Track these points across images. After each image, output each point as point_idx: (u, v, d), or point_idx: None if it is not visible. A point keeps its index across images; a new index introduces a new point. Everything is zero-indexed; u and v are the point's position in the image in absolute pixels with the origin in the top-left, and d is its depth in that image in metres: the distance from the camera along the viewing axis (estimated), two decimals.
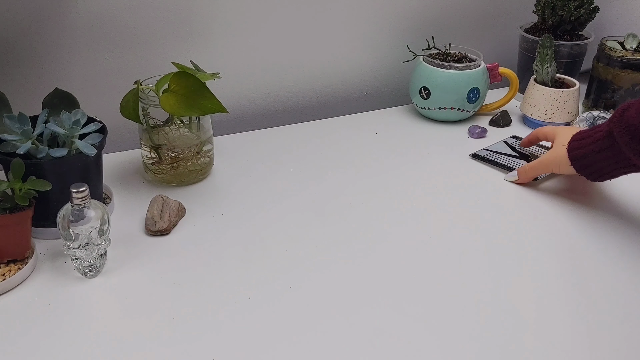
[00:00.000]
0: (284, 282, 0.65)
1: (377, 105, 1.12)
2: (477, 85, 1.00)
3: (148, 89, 0.77)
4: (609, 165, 0.74)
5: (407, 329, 0.59)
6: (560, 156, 0.78)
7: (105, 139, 0.70)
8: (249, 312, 0.61)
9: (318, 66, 1.06)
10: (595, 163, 0.75)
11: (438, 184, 0.84)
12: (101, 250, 0.64)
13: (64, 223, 0.61)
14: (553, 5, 1.08)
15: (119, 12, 0.86)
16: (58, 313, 0.60)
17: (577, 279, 0.67)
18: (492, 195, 0.82)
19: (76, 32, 0.85)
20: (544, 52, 1.00)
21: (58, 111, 0.69)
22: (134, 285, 0.64)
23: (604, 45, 1.02)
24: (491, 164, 0.89)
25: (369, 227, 0.74)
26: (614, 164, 0.73)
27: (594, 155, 0.74)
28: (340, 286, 0.65)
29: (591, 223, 0.77)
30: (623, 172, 0.74)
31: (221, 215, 0.76)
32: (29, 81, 0.84)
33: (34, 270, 0.65)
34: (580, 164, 0.76)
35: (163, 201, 0.74)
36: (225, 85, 0.97)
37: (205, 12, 0.92)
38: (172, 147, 0.79)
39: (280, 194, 0.81)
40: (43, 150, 0.65)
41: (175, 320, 0.59)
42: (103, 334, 0.57)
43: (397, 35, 1.10)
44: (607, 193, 0.83)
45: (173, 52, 0.92)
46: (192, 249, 0.70)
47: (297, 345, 0.57)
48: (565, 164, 0.78)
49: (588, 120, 0.99)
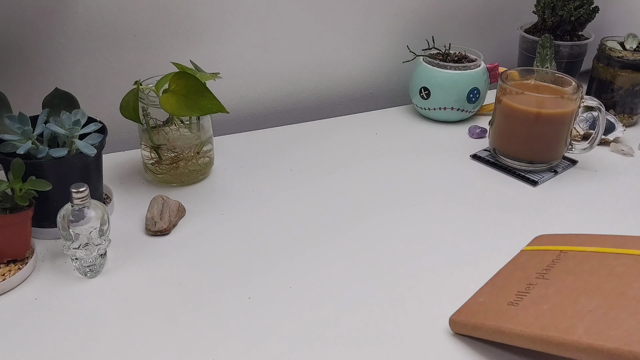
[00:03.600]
0: (284, 282, 0.65)
1: (377, 105, 1.12)
2: (477, 86, 1.00)
3: (148, 89, 0.77)
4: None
5: (408, 329, 0.59)
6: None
7: (105, 139, 0.70)
8: (249, 312, 0.61)
9: (318, 66, 1.06)
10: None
11: (438, 185, 0.84)
12: (101, 251, 0.64)
13: (64, 223, 0.61)
14: (553, 6, 1.09)
15: (119, 12, 0.86)
16: (58, 313, 0.60)
17: None
18: (493, 196, 0.82)
19: (76, 32, 0.85)
20: (544, 52, 1.00)
21: (58, 111, 0.69)
22: (134, 285, 0.64)
23: (604, 45, 1.02)
24: (492, 165, 0.89)
25: (369, 227, 0.74)
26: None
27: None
28: (341, 286, 0.65)
29: (592, 224, 0.77)
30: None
31: (221, 215, 0.76)
32: (29, 81, 0.84)
33: (34, 270, 0.65)
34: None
35: (163, 201, 0.74)
36: (225, 85, 0.97)
37: (205, 12, 0.92)
38: (172, 147, 0.79)
39: (280, 194, 0.81)
40: (43, 150, 0.65)
41: (175, 321, 0.59)
42: (103, 334, 0.57)
43: (397, 35, 1.10)
44: (610, 195, 0.83)
45: (173, 52, 0.92)
46: (192, 249, 0.70)
47: (297, 345, 0.57)
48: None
49: (588, 120, 0.99)
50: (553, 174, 0.88)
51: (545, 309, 0.52)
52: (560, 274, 0.57)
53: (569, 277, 0.56)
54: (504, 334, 0.53)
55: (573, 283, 0.54)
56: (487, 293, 0.60)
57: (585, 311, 0.50)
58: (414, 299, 0.63)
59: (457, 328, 0.58)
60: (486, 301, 0.58)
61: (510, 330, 0.52)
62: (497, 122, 0.89)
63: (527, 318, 0.52)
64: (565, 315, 0.50)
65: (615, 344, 0.45)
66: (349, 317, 0.61)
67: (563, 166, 0.90)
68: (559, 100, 0.85)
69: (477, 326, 0.55)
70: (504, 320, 0.53)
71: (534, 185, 0.85)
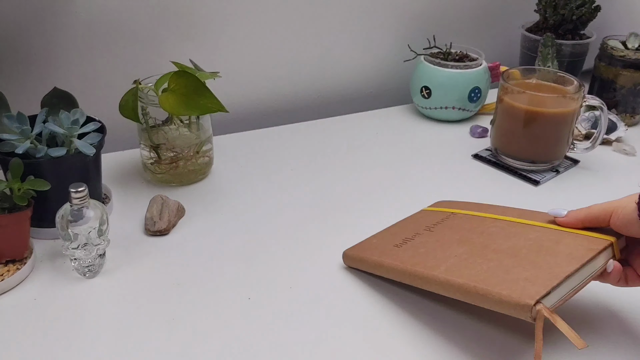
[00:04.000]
0: (284, 282, 0.65)
1: (378, 105, 1.11)
2: (479, 85, 0.99)
3: (147, 88, 0.76)
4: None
5: (409, 328, 0.59)
6: (625, 205, 0.57)
7: (104, 138, 0.70)
8: (249, 312, 0.60)
9: (318, 65, 1.05)
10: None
11: (439, 184, 0.84)
12: (100, 251, 0.63)
13: (62, 223, 0.61)
14: (555, 4, 1.08)
15: (118, 11, 0.86)
16: (57, 313, 0.59)
17: None
18: (494, 196, 0.82)
19: (75, 31, 0.84)
20: (546, 51, 1.00)
21: (57, 110, 0.68)
22: (133, 285, 0.63)
23: (605, 44, 1.01)
24: (493, 164, 0.89)
25: (370, 227, 0.74)
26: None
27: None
28: (341, 286, 0.64)
29: None
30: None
31: (221, 215, 0.76)
32: (27, 80, 0.84)
33: (33, 270, 0.65)
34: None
35: (162, 201, 0.73)
36: (225, 84, 0.96)
37: (205, 11, 0.92)
38: (171, 147, 0.79)
39: (280, 194, 0.80)
40: (42, 150, 0.65)
41: (175, 321, 0.59)
42: (102, 334, 0.57)
43: (397, 34, 1.09)
44: (612, 194, 0.83)
45: (172, 51, 0.91)
46: (192, 249, 0.69)
47: (297, 345, 0.57)
48: (629, 215, 0.56)
49: (590, 120, 0.98)
50: (555, 173, 0.87)
51: (421, 252, 0.61)
52: (444, 229, 0.66)
53: (449, 231, 0.65)
54: (382, 267, 0.62)
55: (450, 236, 0.64)
56: (380, 236, 0.69)
57: (452, 255, 0.59)
58: (414, 298, 0.63)
59: (347, 261, 0.67)
60: (377, 242, 0.68)
61: (388, 264, 0.61)
62: (499, 121, 0.88)
63: (405, 257, 0.61)
64: (435, 257, 0.59)
65: (464, 280, 0.54)
66: (349, 316, 0.60)
67: (565, 166, 0.89)
68: (560, 100, 0.85)
69: (363, 259, 0.65)
70: (385, 256, 0.63)
71: (536, 185, 0.84)
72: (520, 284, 0.51)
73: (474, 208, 0.69)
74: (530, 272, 0.52)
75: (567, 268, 0.52)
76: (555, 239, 0.57)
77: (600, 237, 0.56)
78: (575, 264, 0.52)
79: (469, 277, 0.54)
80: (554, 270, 0.52)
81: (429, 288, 0.57)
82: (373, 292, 0.64)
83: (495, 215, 0.66)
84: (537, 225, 0.61)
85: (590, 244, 0.55)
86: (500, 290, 0.51)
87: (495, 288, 0.51)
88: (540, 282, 0.50)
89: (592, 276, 0.54)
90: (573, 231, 0.58)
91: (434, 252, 0.60)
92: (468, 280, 0.53)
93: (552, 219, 0.61)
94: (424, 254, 0.61)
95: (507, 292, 0.50)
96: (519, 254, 0.56)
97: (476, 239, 0.61)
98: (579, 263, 0.52)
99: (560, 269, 0.52)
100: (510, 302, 0.50)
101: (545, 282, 0.50)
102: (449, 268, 0.56)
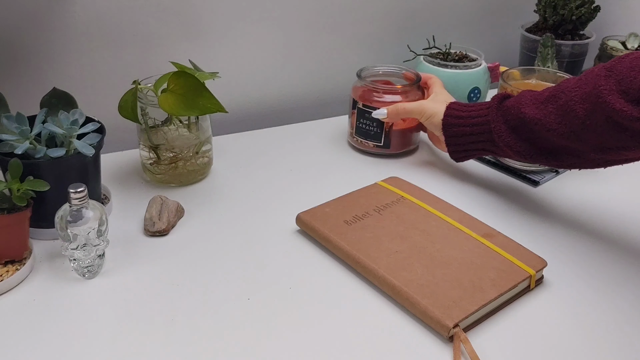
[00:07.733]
0: (284, 282, 0.64)
1: None
2: (478, 85, 0.99)
3: (147, 88, 0.76)
4: (476, 149, 0.78)
5: (410, 328, 0.59)
6: (438, 114, 0.79)
7: (104, 139, 0.70)
8: (249, 312, 0.60)
9: (318, 65, 1.05)
10: (465, 144, 0.78)
11: (440, 184, 0.84)
12: (99, 251, 0.63)
13: (62, 223, 0.61)
14: (554, 5, 1.08)
15: (118, 11, 0.86)
16: (56, 314, 0.59)
17: (582, 282, 0.67)
18: (494, 196, 0.82)
19: (74, 32, 0.84)
20: (545, 51, 1.00)
21: (56, 111, 0.68)
22: (133, 286, 0.63)
23: (605, 44, 1.02)
24: (493, 164, 0.89)
25: None
26: (480, 150, 0.78)
27: (466, 137, 0.77)
28: (341, 287, 0.64)
29: (593, 224, 0.76)
30: (483, 154, 0.79)
31: (220, 215, 0.76)
32: (26, 81, 0.84)
33: (32, 271, 0.65)
34: (451, 135, 0.79)
35: (162, 201, 0.73)
36: (225, 85, 0.97)
37: (205, 12, 0.92)
38: (170, 147, 0.79)
39: (280, 194, 0.80)
40: (41, 150, 0.65)
41: (174, 321, 0.59)
42: (101, 335, 0.57)
43: (397, 34, 1.09)
44: (611, 195, 0.83)
45: (172, 51, 0.91)
46: (191, 249, 0.69)
47: (297, 346, 0.57)
48: (438, 125, 0.79)
49: None
50: (554, 174, 0.87)
51: (367, 237, 0.68)
52: (392, 214, 0.72)
53: (396, 219, 0.71)
54: (330, 243, 0.68)
55: (396, 225, 0.70)
56: (333, 205, 0.74)
57: (393, 251, 0.66)
58: None
59: (300, 224, 0.72)
60: (330, 212, 0.72)
61: (336, 242, 0.67)
62: None
63: (352, 238, 0.67)
64: (379, 249, 0.66)
65: (399, 284, 0.61)
66: (350, 317, 0.60)
67: None
68: None
69: (314, 229, 0.70)
70: (334, 232, 0.68)
71: (535, 186, 0.84)
72: (445, 303, 0.58)
73: (423, 197, 0.76)
74: (456, 292, 0.60)
75: (488, 295, 0.60)
76: (483, 262, 0.64)
77: (523, 267, 0.64)
78: (495, 292, 0.60)
79: (404, 280, 0.61)
80: (476, 295, 0.60)
81: (368, 278, 0.64)
82: None
83: (438, 212, 0.72)
84: (472, 236, 0.69)
85: (512, 274, 0.63)
86: (427, 304, 0.58)
87: (424, 300, 0.59)
88: (462, 305, 0.58)
89: (507, 302, 0.62)
90: (502, 253, 0.66)
91: (377, 241, 0.67)
92: (402, 284, 0.61)
93: (487, 232, 0.69)
94: (368, 239, 0.67)
95: (432, 308, 0.58)
96: (450, 265, 0.64)
97: (417, 236, 0.68)
98: (498, 292, 0.60)
99: (481, 295, 0.60)
100: (433, 318, 0.57)
101: (466, 307, 0.58)
102: (388, 265, 0.63)
